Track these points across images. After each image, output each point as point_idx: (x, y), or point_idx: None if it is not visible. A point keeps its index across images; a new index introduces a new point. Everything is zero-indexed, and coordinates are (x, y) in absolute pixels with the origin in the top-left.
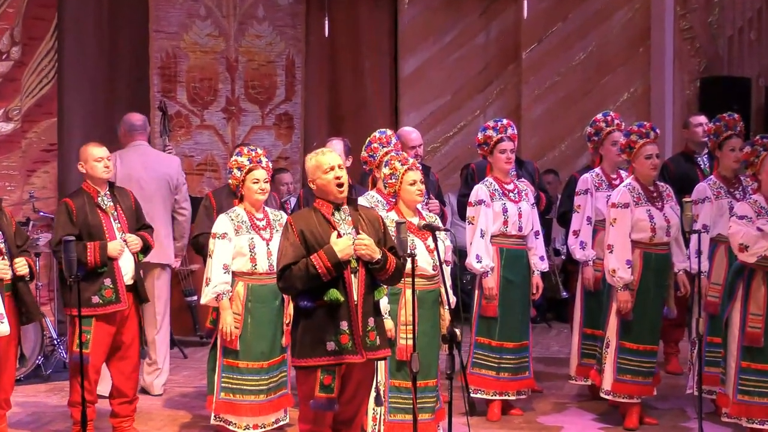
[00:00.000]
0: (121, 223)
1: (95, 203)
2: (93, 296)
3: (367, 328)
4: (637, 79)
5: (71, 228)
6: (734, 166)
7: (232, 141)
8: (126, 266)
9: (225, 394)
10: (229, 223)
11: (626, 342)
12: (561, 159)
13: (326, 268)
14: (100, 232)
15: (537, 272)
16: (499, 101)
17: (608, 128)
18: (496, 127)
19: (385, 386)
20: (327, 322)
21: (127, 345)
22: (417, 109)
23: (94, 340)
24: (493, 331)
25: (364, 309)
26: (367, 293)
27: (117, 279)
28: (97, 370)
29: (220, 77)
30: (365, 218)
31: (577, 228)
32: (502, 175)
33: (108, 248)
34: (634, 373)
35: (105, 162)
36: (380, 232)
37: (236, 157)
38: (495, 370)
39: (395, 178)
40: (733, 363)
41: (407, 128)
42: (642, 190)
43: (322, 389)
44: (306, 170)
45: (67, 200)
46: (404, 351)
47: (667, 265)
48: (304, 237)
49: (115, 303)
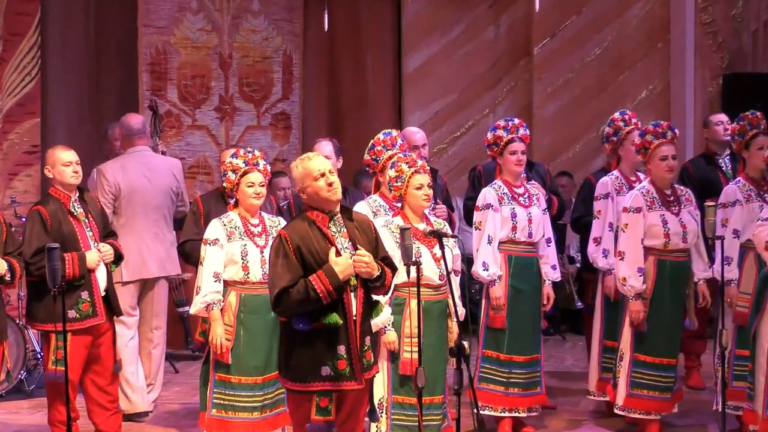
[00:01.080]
0: (93, 230)
1: (67, 210)
2: (70, 310)
3: (364, 349)
4: (655, 75)
5: (46, 238)
6: (762, 165)
7: (225, 142)
8: (101, 278)
9: (217, 410)
10: (221, 228)
11: (640, 354)
12: (575, 160)
13: (327, 291)
14: (75, 241)
15: (548, 282)
16: (510, 99)
17: (627, 128)
18: (506, 126)
19: (388, 402)
20: (323, 346)
21: (102, 359)
22: (422, 107)
23: (70, 356)
24: (501, 344)
25: (362, 330)
26: (365, 313)
27: (94, 291)
28: (74, 386)
29: (213, 74)
30: (359, 228)
31: (598, 235)
32: (511, 177)
33: (87, 259)
34: (650, 388)
35: (74, 167)
36: (373, 240)
37: (231, 159)
38: (504, 385)
39: (401, 181)
40: (762, 377)
41: (411, 128)
42: (657, 193)
43: (319, 412)
44: (293, 179)
45: (39, 207)
46: (408, 365)
47: (684, 274)
48: (301, 254)
49: (92, 317)
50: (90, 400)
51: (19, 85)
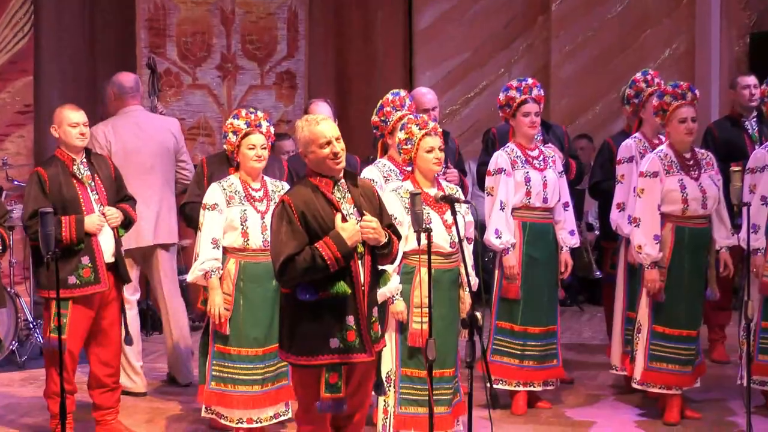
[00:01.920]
0: (99, 194)
1: (70, 172)
2: (69, 276)
3: (371, 320)
4: (679, 34)
5: (44, 201)
6: None
7: (227, 102)
8: (106, 243)
9: (216, 383)
10: (220, 193)
11: (659, 326)
12: (594, 123)
13: (335, 258)
14: (77, 204)
15: (566, 248)
16: (526, 59)
17: (650, 89)
18: (519, 87)
19: (396, 375)
20: (331, 317)
21: (106, 330)
22: (433, 67)
23: (71, 325)
24: (515, 315)
25: (369, 300)
26: (372, 282)
27: (96, 257)
28: (74, 357)
29: (215, 31)
30: (364, 194)
31: (621, 200)
32: (525, 140)
33: (85, 223)
34: (669, 361)
35: (81, 128)
36: (377, 207)
37: (232, 120)
38: (518, 358)
39: (411, 144)
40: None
41: (422, 89)
42: (675, 157)
43: (329, 389)
44: (297, 139)
45: (39, 169)
46: (417, 336)
47: (705, 241)
48: (305, 221)
49: (95, 284)
50: (90, 373)
51: (11, 42)
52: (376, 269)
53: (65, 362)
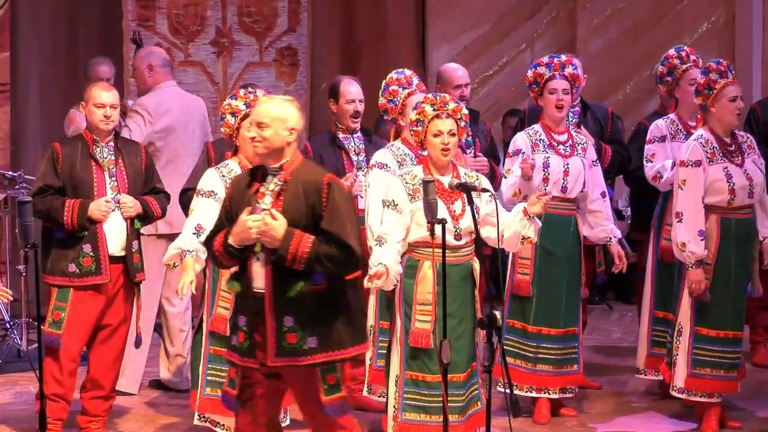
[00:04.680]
0: (119, 181)
1: (90, 153)
2: (70, 264)
3: (282, 329)
4: (719, 5)
5: (53, 178)
6: None
7: (223, 81)
8: (113, 233)
9: (211, 389)
10: (218, 179)
11: (703, 328)
12: (625, 103)
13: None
14: (88, 188)
15: (614, 239)
16: (550, 32)
17: (684, 65)
18: (550, 63)
19: (401, 379)
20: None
21: (113, 328)
22: (449, 41)
23: (69, 319)
24: (528, 314)
25: (275, 306)
26: (279, 288)
27: (99, 246)
28: (73, 357)
29: (209, 2)
30: (302, 191)
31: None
32: (553, 123)
33: (90, 208)
34: (714, 366)
35: (107, 110)
36: (317, 206)
37: (230, 101)
38: (531, 362)
39: (421, 126)
40: None
41: (451, 64)
42: (717, 143)
43: (230, 383)
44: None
45: (56, 145)
46: (419, 336)
47: (751, 233)
48: (231, 204)
49: (95, 275)
50: (87, 374)
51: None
52: (282, 273)
53: (62, 361)
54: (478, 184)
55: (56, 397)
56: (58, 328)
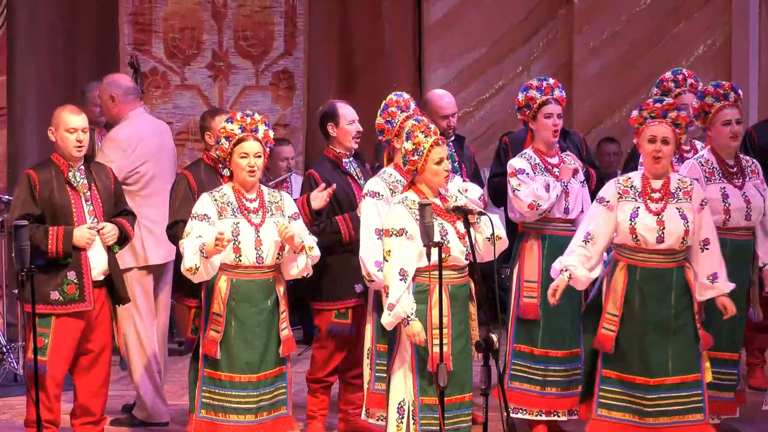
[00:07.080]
0: (95, 205)
1: (65, 179)
2: (52, 291)
3: None
4: (716, 28)
5: (32, 206)
6: None
7: (219, 104)
8: (96, 259)
9: (206, 411)
10: (211, 204)
11: None
12: (621, 126)
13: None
14: (68, 213)
15: None
16: (547, 55)
17: (678, 89)
18: (540, 86)
19: (415, 405)
20: None
21: (96, 354)
22: (446, 64)
23: (53, 346)
24: (535, 337)
25: None
26: None
27: (84, 273)
28: (57, 382)
29: (205, 26)
30: None
31: None
32: (545, 146)
33: (74, 236)
34: (710, 387)
35: (79, 135)
36: None
37: (225, 124)
38: (540, 385)
39: (419, 155)
40: None
41: (438, 91)
42: (717, 163)
43: None
44: None
45: (30, 172)
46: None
47: (747, 256)
48: None
49: (79, 302)
50: (75, 401)
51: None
52: None
53: (47, 387)
54: (471, 207)
55: (48, 423)
56: (42, 354)
